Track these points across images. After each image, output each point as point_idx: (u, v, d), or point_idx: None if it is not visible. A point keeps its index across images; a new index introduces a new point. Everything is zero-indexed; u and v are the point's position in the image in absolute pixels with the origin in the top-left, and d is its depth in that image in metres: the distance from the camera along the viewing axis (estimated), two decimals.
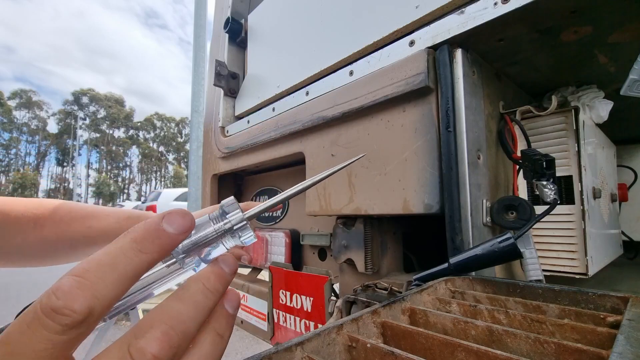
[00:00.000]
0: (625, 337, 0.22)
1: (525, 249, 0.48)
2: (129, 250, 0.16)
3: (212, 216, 0.21)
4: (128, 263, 0.16)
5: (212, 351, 0.18)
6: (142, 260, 0.17)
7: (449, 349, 0.25)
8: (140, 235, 0.17)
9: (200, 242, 0.20)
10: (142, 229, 0.17)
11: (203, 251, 0.20)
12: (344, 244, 0.66)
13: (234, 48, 1.09)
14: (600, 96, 0.64)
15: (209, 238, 0.20)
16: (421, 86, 0.50)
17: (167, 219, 0.18)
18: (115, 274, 0.16)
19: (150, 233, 0.17)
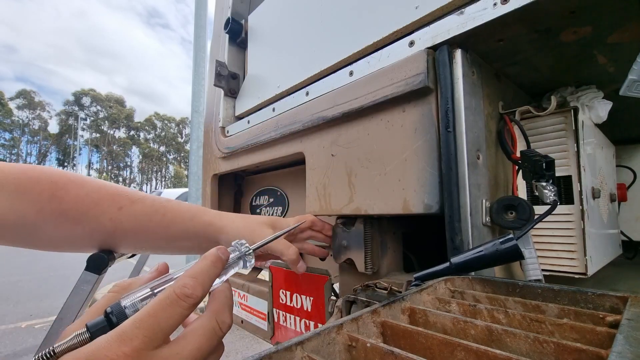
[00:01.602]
0: (624, 336, 0.22)
1: (524, 248, 0.48)
2: (211, 266, 0.29)
3: (230, 249, 0.34)
4: (212, 272, 0.29)
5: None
6: (216, 271, 0.30)
7: (449, 349, 0.25)
8: (214, 258, 0.30)
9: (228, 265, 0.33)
10: (214, 255, 0.30)
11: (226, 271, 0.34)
12: (344, 244, 0.66)
13: (234, 48, 1.10)
14: (599, 96, 0.64)
15: (230, 263, 0.34)
16: (421, 86, 0.50)
17: (220, 251, 0.31)
18: (208, 278, 0.29)
19: (218, 258, 0.30)
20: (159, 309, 0.25)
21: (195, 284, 0.27)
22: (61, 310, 0.87)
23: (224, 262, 0.31)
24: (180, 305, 0.25)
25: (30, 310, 3.77)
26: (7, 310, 3.77)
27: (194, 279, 0.27)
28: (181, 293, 0.26)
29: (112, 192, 0.49)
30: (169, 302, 0.25)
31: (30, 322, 3.40)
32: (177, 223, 0.53)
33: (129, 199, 0.50)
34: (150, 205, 0.52)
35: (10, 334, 3.10)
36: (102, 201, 0.47)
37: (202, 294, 0.27)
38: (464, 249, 0.47)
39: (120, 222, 0.48)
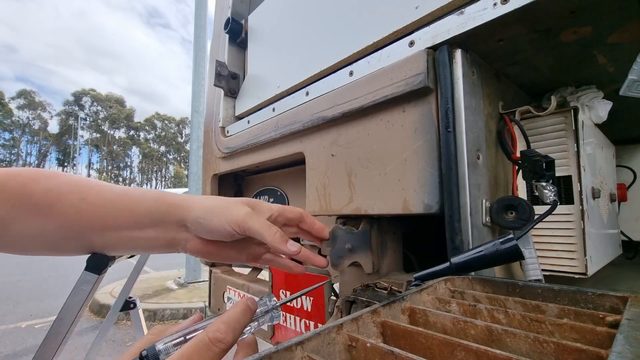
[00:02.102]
0: (624, 336, 0.22)
1: (524, 248, 0.48)
2: (242, 314, 0.32)
3: (260, 302, 0.36)
4: (243, 320, 0.31)
5: None
6: (247, 319, 0.32)
7: (449, 349, 0.25)
8: (246, 307, 0.32)
9: (255, 317, 0.35)
10: (246, 305, 0.33)
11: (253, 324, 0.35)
12: (349, 247, 0.62)
13: (234, 48, 1.10)
14: (599, 96, 0.64)
15: (259, 315, 0.36)
16: (421, 86, 0.50)
17: (251, 302, 0.33)
18: (239, 325, 0.30)
19: (249, 308, 0.33)
20: (193, 351, 0.26)
21: (227, 330, 0.28)
22: (61, 310, 0.87)
23: (252, 312, 0.33)
24: (212, 349, 0.27)
25: (30, 310, 3.77)
26: (7, 310, 3.78)
27: (226, 325, 0.29)
28: (214, 337, 0.27)
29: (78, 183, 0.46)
30: (202, 345, 0.27)
31: (30, 322, 3.41)
32: (141, 205, 0.47)
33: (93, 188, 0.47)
34: (116, 192, 0.48)
35: (10, 334, 3.10)
36: (67, 192, 0.45)
37: (233, 340, 0.28)
38: (464, 249, 0.47)
39: (85, 212, 0.45)
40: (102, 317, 3.50)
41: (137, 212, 0.47)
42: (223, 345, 0.27)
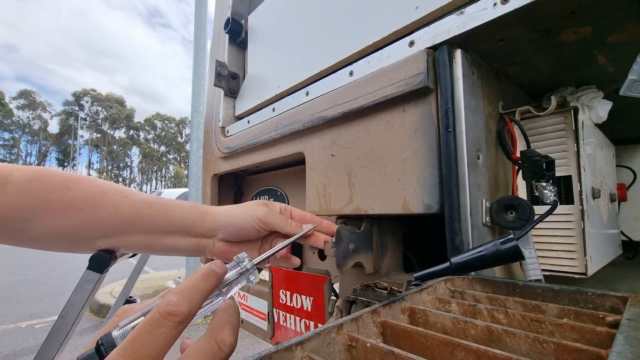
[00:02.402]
0: (624, 336, 0.22)
1: (524, 248, 0.48)
2: (202, 279, 0.27)
3: (231, 265, 0.32)
4: (203, 286, 0.27)
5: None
6: (208, 286, 0.27)
7: (449, 349, 0.25)
8: (206, 272, 0.28)
9: (227, 281, 0.31)
10: (206, 268, 0.28)
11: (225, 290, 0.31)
12: (352, 247, 0.61)
13: (234, 48, 1.10)
14: (599, 96, 0.64)
15: (231, 279, 0.31)
16: (421, 86, 0.50)
17: (214, 265, 0.29)
18: (198, 292, 0.26)
19: (211, 271, 0.28)
20: (143, 332, 0.23)
21: (180, 300, 0.24)
22: (64, 308, 0.87)
23: (219, 276, 0.29)
24: (164, 325, 0.23)
25: (30, 310, 3.77)
26: (7, 310, 3.78)
27: (178, 295, 0.25)
28: (164, 311, 0.23)
29: (119, 186, 0.52)
30: (152, 322, 0.23)
31: (30, 322, 3.41)
32: (176, 209, 0.52)
33: (132, 191, 0.52)
34: (153, 197, 0.53)
35: (10, 334, 3.10)
36: (109, 190, 0.49)
37: (189, 310, 0.24)
38: (464, 249, 0.47)
39: (121, 208, 0.48)
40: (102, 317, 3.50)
41: (172, 217, 0.52)
42: (177, 317, 0.23)
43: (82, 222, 0.47)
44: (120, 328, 0.27)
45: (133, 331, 0.23)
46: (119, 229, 0.49)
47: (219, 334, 0.26)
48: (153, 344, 0.22)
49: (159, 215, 0.51)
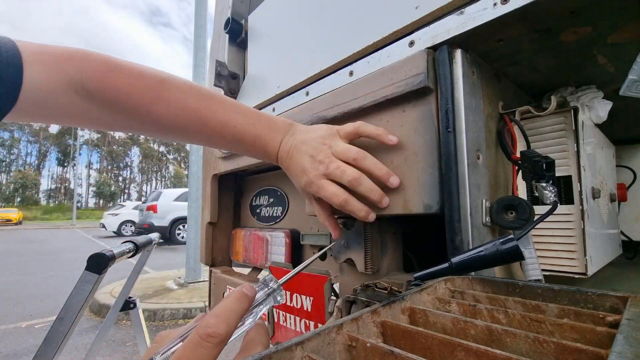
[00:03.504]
0: (624, 336, 0.22)
1: (524, 249, 0.48)
2: (236, 302, 0.29)
3: (258, 287, 0.33)
4: (237, 308, 0.28)
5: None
6: (242, 307, 0.29)
7: (449, 349, 0.25)
8: (239, 295, 0.29)
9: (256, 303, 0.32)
10: (238, 292, 0.30)
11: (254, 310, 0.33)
12: (344, 243, 0.66)
13: (234, 48, 1.10)
14: (599, 96, 0.64)
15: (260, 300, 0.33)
16: (421, 86, 0.50)
17: (246, 289, 0.30)
18: (233, 315, 0.28)
19: (243, 294, 0.29)
20: (186, 354, 0.24)
21: (218, 322, 0.26)
22: (62, 309, 0.87)
23: (250, 299, 0.30)
24: (204, 346, 0.24)
25: (30, 310, 3.77)
26: (7, 310, 3.77)
27: (216, 317, 0.26)
28: (204, 333, 0.25)
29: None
30: (192, 345, 0.24)
31: (30, 322, 3.40)
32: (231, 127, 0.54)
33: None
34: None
35: (10, 334, 3.10)
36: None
37: (227, 331, 0.26)
38: (464, 249, 0.47)
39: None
40: (102, 317, 3.50)
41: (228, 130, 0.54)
42: (215, 339, 0.25)
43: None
44: (161, 354, 0.28)
45: (175, 354, 0.25)
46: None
47: (252, 351, 0.29)
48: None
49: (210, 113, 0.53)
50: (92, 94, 0.46)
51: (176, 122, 0.51)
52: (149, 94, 0.49)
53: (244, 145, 0.57)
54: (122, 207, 13.86)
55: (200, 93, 0.53)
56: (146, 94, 0.48)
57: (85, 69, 0.46)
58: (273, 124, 0.57)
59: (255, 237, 1.02)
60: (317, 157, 0.54)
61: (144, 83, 0.48)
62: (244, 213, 1.20)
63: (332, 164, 0.53)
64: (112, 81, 0.47)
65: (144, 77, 0.49)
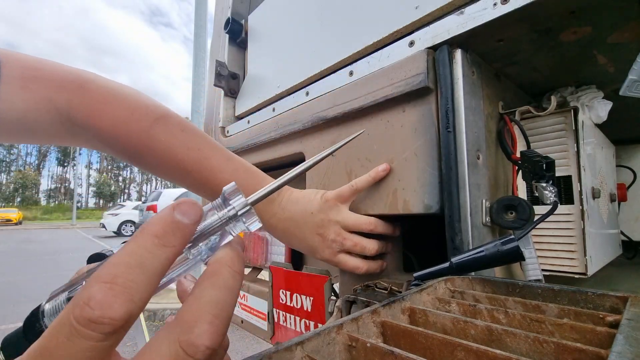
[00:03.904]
0: (624, 336, 0.22)
1: (524, 249, 0.48)
2: (152, 247, 0.16)
3: (215, 204, 0.20)
4: (155, 259, 0.16)
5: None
6: (167, 254, 0.16)
7: (449, 349, 0.25)
8: (161, 229, 0.16)
9: (206, 231, 0.19)
10: (160, 222, 0.17)
11: (210, 240, 0.20)
12: None
13: (234, 48, 1.10)
14: (599, 96, 0.64)
15: (214, 226, 0.19)
16: (421, 86, 0.50)
17: (178, 210, 0.17)
18: (145, 274, 0.15)
19: (169, 225, 0.17)
20: (52, 345, 0.14)
21: (110, 298, 0.14)
22: None
23: (185, 233, 0.17)
24: (86, 336, 0.14)
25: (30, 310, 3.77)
26: (7, 310, 3.78)
27: (107, 286, 0.14)
28: (82, 316, 0.14)
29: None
30: (65, 333, 0.14)
31: None
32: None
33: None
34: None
35: None
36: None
37: (126, 312, 0.14)
38: (464, 249, 0.47)
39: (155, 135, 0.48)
40: None
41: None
42: (105, 327, 0.14)
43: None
44: (50, 299, 0.18)
45: (41, 338, 0.14)
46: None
47: (187, 331, 0.15)
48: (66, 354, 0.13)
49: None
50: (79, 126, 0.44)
51: (159, 168, 0.50)
52: (136, 137, 0.46)
53: None
54: (122, 207, 13.87)
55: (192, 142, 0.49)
56: (133, 138, 0.45)
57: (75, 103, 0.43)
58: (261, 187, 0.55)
59: (255, 237, 1.02)
60: (329, 237, 0.53)
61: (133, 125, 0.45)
62: None
63: (348, 242, 0.53)
64: (98, 119, 0.43)
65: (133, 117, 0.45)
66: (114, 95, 0.45)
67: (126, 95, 0.46)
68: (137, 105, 0.46)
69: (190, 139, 0.50)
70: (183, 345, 0.15)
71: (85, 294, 0.14)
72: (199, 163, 0.50)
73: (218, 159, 0.52)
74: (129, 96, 0.46)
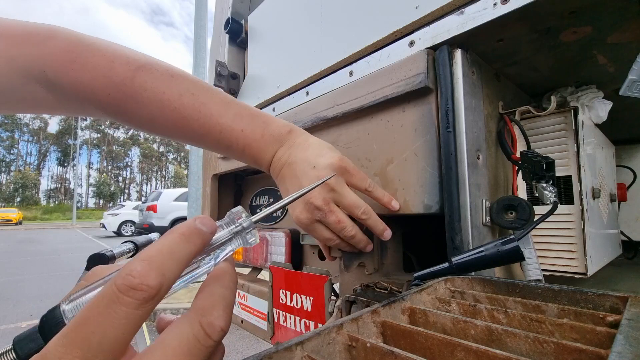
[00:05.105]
0: (624, 336, 0.22)
1: (524, 249, 0.48)
2: (180, 242, 0.20)
3: (223, 222, 0.25)
4: (181, 251, 0.20)
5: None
6: (190, 249, 0.20)
7: (449, 349, 0.25)
8: (187, 230, 0.21)
9: (215, 243, 0.24)
10: (186, 226, 0.21)
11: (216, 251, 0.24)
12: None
13: (234, 48, 1.10)
14: (599, 96, 0.64)
15: (222, 240, 0.24)
16: (421, 86, 0.50)
17: (199, 221, 0.22)
18: (173, 260, 0.19)
19: (193, 229, 0.21)
20: (95, 312, 0.16)
21: (147, 269, 0.17)
22: None
23: (204, 236, 0.21)
24: (125, 303, 0.16)
25: (30, 310, 3.77)
26: (7, 310, 3.77)
27: (144, 262, 0.18)
28: (123, 284, 0.17)
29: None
30: (106, 301, 0.17)
31: (30, 322, 3.40)
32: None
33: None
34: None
35: (11, 334, 3.10)
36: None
37: (160, 282, 0.18)
38: (464, 249, 0.47)
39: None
40: None
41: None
42: (142, 293, 0.17)
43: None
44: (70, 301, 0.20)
45: (83, 309, 0.17)
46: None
47: (207, 314, 0.19)
48: (109, 330, 0.16)
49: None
50: (55, 85, 0.40)
51: (152, 122, 0.45)
52: (118, 90, 0.41)
53: (232, 152, 0.50)
54: (122, 207, 13.87)
55: (184, 87, 0.45)
56: (115, 91, 0.41)
57: (45, 58, 0.39)
58: (267, 131, 0.49)
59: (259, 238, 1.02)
60: (315, 202, 0.47)
61: (112, 76, 0.41)
62: None
63: (331, 216, 0.48)
64: (75, 73, 0.39)
65: (112, 68, 0.41)
66: (87, 45, 0.41)
67: (102, 45, 0.42)
68: (116, 54, 0.42)
69: (182, 85, 0.45)
70: (204, 324, 0.19)
71: (127, 268, 0.18)
72: (195, 110, 0.45)
73: (216, 103, 0.47)
74: (107, 46, 0.42)
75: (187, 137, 0.48)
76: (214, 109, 0.46)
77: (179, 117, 0.44)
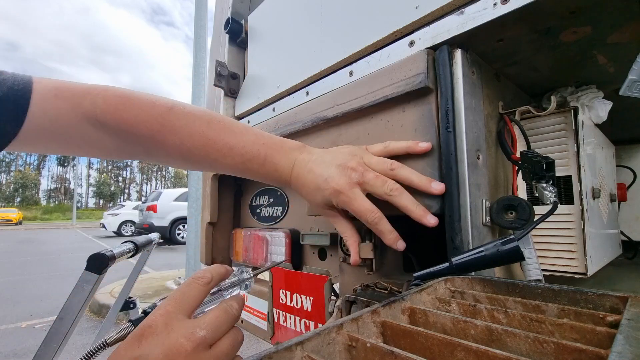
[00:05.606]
0: (624, 336, 0.22)
1: (524, 249, 0.48)
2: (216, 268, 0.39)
3: (236, 272, 0.43)
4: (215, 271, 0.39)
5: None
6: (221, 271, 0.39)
7: (449, 349, 0.25)
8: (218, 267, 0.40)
9: (225, 286, 0.41)
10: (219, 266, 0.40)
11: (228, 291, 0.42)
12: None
13: (234, 48, 1.10)
14: (599, 96, 0.64)
15: (232, 282, 0.42)
16: (421, 86, 0.50)
17: (225, 267, 0.40)
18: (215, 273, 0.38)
19: (222, 267, 0.40)
20: (183, 286, 0.35)
21: (205, 272, 0.37)
22: (62, 309, 0.87)
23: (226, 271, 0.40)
24: (196, 284, 0.35)
25: (30, 310, 3.76)
26: (7, 310, 3.77)
27: (204, 270, 0.37)
28: (194, 276, 0.36)
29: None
30: (187, 283, 0.35)
31: (30, 322, 3.40)
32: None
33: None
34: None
35: (10, 334, 3.10)
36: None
37: (211, 276, 0.36)
38: (464, 249, 0.47)
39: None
40: (102, 317, 3.50)
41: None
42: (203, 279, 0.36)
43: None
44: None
45: (176, 290, 0.35)
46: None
47: (227, 302, 0.35)
48: (190, 292, 0.34)
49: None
50: (104, 124, 0.50)
51: (182, 147, 0.52)
52: (156, 122, 0.51)
53: (253, 165, 0.54)
54: (122, 207, 13.86)
55: (211, 118, 0.53)
56: (154, 123, 0.50)
57: (99, 103, 0.49)
58: (285, 144, 0.55)
59: (255, 237, 1.02)
60: (349, 164, 0.49)
61: (153, 112, 0.51)
62: (244, 213, 1.20)
63: (369, 173, 0.49)
64: (122, 112, 0.50)
65: (154, 106, 0.51)
66: (132, 93, 0.52)
67: (142, 94, 0.53)
68: (155, 98, 0.53)
69: (208, 115, 0.54)
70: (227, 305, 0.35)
71: (197, 273, 0.37)
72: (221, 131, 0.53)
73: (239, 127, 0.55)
74: (148, 95, 0.53)
75: (212, 157, 0.54)
76: (237, 131, 0.54)
77: (207, 139, 0.52)
